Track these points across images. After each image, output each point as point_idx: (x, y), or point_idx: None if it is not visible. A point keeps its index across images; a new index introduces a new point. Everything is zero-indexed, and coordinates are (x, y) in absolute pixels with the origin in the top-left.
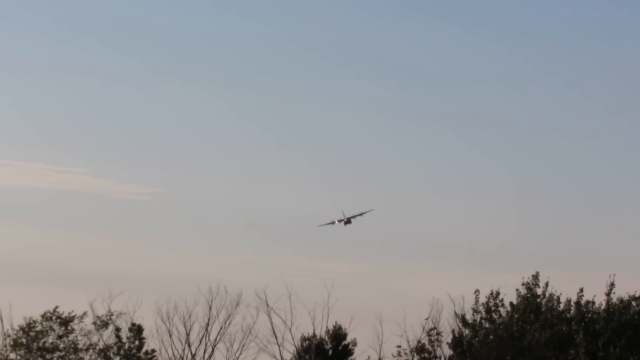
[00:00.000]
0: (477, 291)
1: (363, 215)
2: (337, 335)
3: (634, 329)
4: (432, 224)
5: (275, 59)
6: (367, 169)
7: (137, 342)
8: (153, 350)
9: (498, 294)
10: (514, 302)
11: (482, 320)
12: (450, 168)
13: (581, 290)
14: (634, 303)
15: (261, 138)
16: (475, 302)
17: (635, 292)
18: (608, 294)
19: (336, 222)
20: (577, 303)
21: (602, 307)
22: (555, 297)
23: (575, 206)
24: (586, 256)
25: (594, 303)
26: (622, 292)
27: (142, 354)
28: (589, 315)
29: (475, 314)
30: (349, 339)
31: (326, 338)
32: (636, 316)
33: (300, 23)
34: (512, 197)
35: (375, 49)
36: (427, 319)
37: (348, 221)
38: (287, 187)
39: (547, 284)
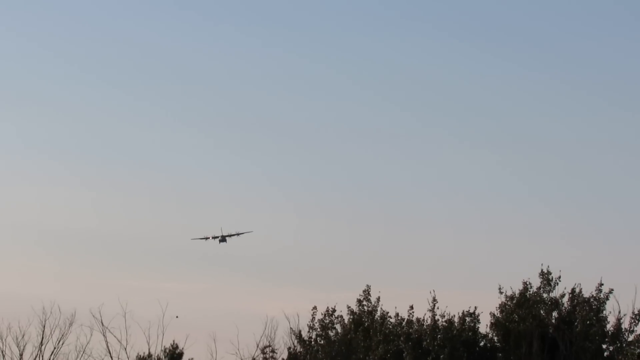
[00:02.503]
0: (314, 308)
1: (240, 235)
2: (174, 354)
3: (463, 346)
4: (266, 242)
5: None
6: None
7: None
8: None
9: (334, 311)
10: (348, 319)
11: (318, 337)
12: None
13: (411, 307)
14: (457, 320)
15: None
16: (312, 319)
17: (461, 311)
18: (432, 309)
19: (210, 238)
20: (409, 321)
21: (428, 323)
22: (386, 314)
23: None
24: (410, 273)
25: (419, 320)
26: (443, 305)
27: None
28: (416, 332)
29: (310, 330)
30: (185, 358)
31: (162, 357)
32: (463, 334)
33: None
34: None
35: None
36: (262, 336)
37: (223, 239)
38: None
39: (378, 299)
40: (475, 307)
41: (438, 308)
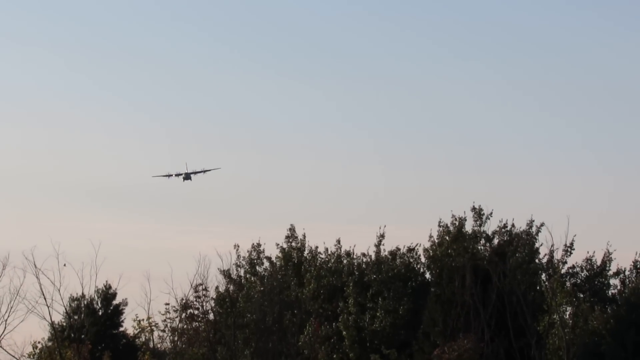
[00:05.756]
0: (236, 246)
1: (206, 172)
2: (107, 294)
3: (402, 281)
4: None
5: None
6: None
7: None
8: None
9: (259, 245)
10: (279, 256)
11: (247, 275)
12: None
13: (338, 241)
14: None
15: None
16: (237, 257)
17: (403, 246)
18: (378, 245)
19: (173, 175)
20: (348, 254)
21: (372, 259)
22: (314, 250)
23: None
24: (350, 210)
25: (364, 255)
26: (393, 244)
27: None
28: (357, 266)
29: (239, 268)
30: (119, 299)
31: (96, 298)
32: (403, 269)
33: None
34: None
35: None
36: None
37: (187, 177)
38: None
39: (304, 236)
40: (418, 244)
41: (384, 244)
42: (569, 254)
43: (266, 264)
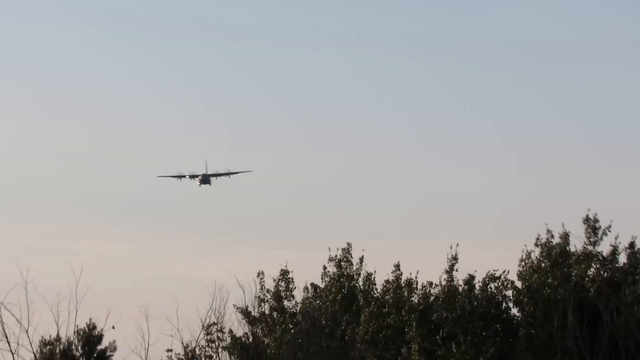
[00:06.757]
0: (260, 273)
1: (231, 175)
2: (90, 337)
3: (483, 319)
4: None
5: None
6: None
7: None
8: None
9: (287, 273)
10: (322, 284)
11: (274, 312)
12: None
13: (397, 266)
14: (484, 284)
15: None
16: (261, 289)
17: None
18: (449, 272)
19: (187, 176)
20: (409, 283)
21: (443, 290)
22: (371, 276)
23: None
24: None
25: (432, 285)
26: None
27: None
28: (423, 300)
29: (262, 303)
30: (106, 342)
31: (75, 341)
32: (484, 303)
33: None
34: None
35: None
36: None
37: (205, 180)
38: None
39: (361, 259)
40: (506, 271)
41: (457, 270)
42: None
43: (298, 298)
